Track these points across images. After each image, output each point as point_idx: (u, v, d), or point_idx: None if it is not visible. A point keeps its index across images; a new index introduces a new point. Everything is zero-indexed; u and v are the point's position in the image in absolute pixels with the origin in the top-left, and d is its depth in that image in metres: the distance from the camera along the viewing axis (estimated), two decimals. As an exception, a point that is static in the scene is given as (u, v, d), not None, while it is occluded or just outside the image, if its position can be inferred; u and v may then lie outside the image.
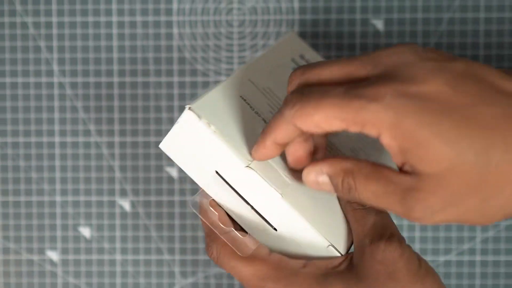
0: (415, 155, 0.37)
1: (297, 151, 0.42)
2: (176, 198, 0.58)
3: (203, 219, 0.43)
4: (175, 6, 0.57)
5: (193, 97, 0.58)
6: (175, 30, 0.57)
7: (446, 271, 0.58)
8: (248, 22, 0.58)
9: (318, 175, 0.41)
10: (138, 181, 0.58)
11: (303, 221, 0.42)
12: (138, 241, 0.58)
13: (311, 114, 0.39)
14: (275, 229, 0.43)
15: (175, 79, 0.58)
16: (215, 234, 0.44)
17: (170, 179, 0.58)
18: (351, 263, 0.42)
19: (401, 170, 0.39)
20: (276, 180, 0.42)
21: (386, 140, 0.38)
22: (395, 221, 0.56)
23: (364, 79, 0.40)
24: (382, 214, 0.43)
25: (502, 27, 0.57)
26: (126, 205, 0.59)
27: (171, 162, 0.58)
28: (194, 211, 0.44)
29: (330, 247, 0.42)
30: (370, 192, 0.39)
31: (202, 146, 0.42)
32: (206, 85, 0.58)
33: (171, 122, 0.58)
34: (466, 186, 0.38)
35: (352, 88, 0.38)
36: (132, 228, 0.59)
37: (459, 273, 0.59)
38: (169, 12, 0.57)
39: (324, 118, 0.39)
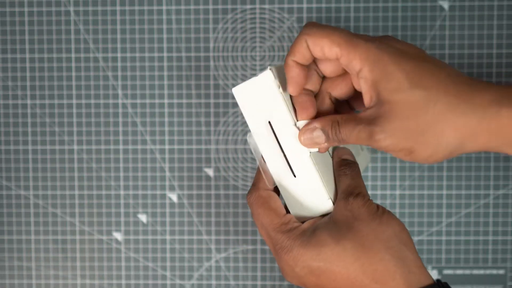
0: (383, 85, 0.41)
1: (304, 101, 0.46)
2: (212, 192, 0.62)
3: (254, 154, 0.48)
4: (211, 45, 0.61)
5: (225, 114, 0.61)
6: (211, 63, 0.61)
7: (419, 248, 0.62)
8: (268, 56, 0.61)
9: (313, 131, 0.45)
10: (183, 179, 0.62)
11: (318, 176, 0.46)
12: (183, 225, 0.62)
13: (322, 37, 0.43)
14: (295, 176, 0.47)
15: (211, 100, 0.61)
16: (257, 187, 0.47)
17: (208, 177, 0.62)
18: (330, 216, 0.46)
19: (368, 109, 0.43)
20: None
21: (365, 72, 0.42)
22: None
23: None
24: (356, 178, 0.47)
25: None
26: (174, 197, 0.62)
27: (209, 164, 0.62)
28: (250, 143, 0.47)
29: (329, 200, 0.46)
30: (349, 131, 0.43)
31: (267, 100, 0.45)
32: (236, 105, 0.61)
33: (209, 133, 0.61)
34: (414, 116, 0.41)
35: (355, 34, 0.44)
36: (179, 215, 0.62)
37: (429, 249, 0.62)
38: (207, 49, 0.61)
39: (329, 44, 0.43)
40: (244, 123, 0.63)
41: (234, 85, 0.62)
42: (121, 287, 0.64)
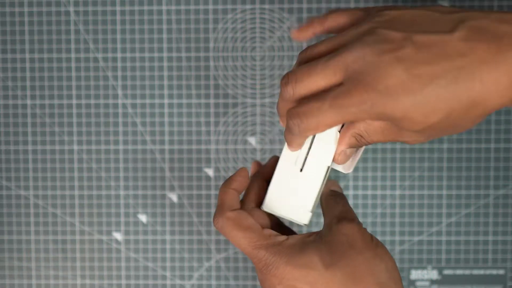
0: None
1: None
2: (212, 192, 0.62)
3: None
4: (211, 45, 0.61)
5: (226, 114, 0.61)
6: (211, 63, 0.61)
7: (419, 248, 0.62)
8: (267, 57, 0.61)
9: (345, 153, 0.45)
10: (183, 179, 0.62)
11: (318, 188, 0.46)
12: (183, 225, 0.62)
13: (303, 80, 0.42)
14: (301, 170, 0.46)
15: (211, 100, 0.61)
16: (222, 209, 0.45)
17: (208, 178, 0.62)
18: (320, 237, 0.44)
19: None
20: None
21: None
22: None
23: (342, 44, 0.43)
24: (347, 206, 0.46)
25: None
26: (174, 197, 0.62)
27: (208, 164, 0.62)
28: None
29: (310, 213, 0.46)
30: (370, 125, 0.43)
31: None
32: (236, 105, 0.61)
33: (209, 133, 0.61)
34: (433, 62, 0.38)
35: (331, 53, 0.42)
36: (179, 215, 0.62)
37: (429, 249, 0.62)
38: (207, 49, 0.61)
39: (312, 83, 0.42)
40: (244, 123, 0.63)
41: (234, 85, 0.62)
42: (121, 287, 0.64)
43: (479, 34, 0.39)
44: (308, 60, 0.43)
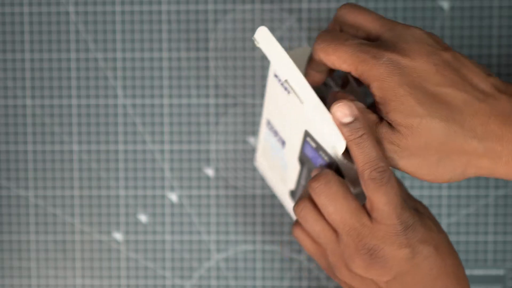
0: (392, 106, 0.41)
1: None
2: (212, 192, 0.63)
3: None
4: (211, 45, 0.61)
5: (225, 114, 0.62)
6: (211, 63, 0.61)
7: None
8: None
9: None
10: (183, 179, 0.62)
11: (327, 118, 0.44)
12: (182, 225, 0.63)
13: (330, 53, 0.43)
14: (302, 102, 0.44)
15: (211, 100, 0.62)
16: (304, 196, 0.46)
17: (208, 177, 0.62)
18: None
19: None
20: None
21: (373, 89, 0.42)
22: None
23: (376, 38, 0.44)
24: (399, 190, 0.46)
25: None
26: (173, 197, 0.62)
27: (208, 164, 0.62)
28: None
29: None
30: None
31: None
32: (236, 105, 0.61)
33: (209, 134, 0.62)
34: (428, 143, 0.41)
35: (363, 44, 0.42)
36: (178, 215, 0.63)
37: None
38: (207, 49, 0.61)
39: (337, 60, 0.43)
40: (244, 123, 0.63)
41: (234, 85, 0.62)
42: (121, 287, 0.64)
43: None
44: None
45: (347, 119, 0.43)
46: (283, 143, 0.51)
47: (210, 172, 0.63)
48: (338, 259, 0.45)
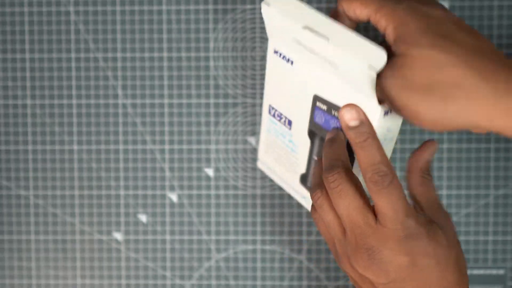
0: (403, 40, 0.41)
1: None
2: (212, 191, 0.63)
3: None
4: (211, 45, 0.61)
5: (226, 114, 0.62)
6: (211, 63, 0.62)
7: None
8: None
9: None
10: (183, 179, 0.63)
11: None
12: (183, 225, 0.63)
13: (353, 0, 0.45)
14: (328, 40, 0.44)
15: (211, 100, 0.62)
16: (321, 185, 0.47)
17: (208, 177, 0.63)
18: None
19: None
20: None
21: (389, 30, 0.43)
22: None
23: None
24: (432, 190, 0.47)
25: None
26: (174, 197, 0.63)
27: (208, 164, 0.62)
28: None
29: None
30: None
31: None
32: (236, 105, 0.62)
33: (209, 133, 0.62)
34: (427, 73, 0.41)
35: None
36: (179, 215, 0.63)
37: None
38: (207, 49, 0.61)
39: (359, 6, 0.44)
40: (244, 123, 0.63)
41: (233, 85, 0.63)
42: (121, 287, 0.64)
43: None
44: None
45: (354, 122, 0.44)
46: (289, 123, 0.51)
47: (210, 172, 0.63)
48: (343, 251, 0.46)
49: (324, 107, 0.47)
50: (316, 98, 0.48)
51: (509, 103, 0.40)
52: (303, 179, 0.54)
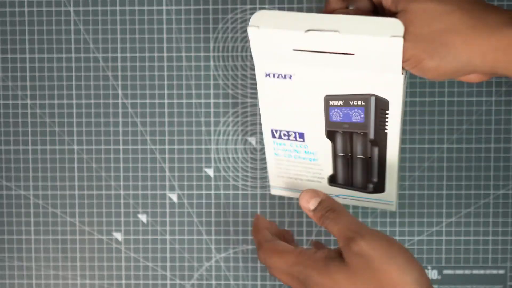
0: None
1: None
2: (212, 192, 0.63)
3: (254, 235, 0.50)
4: (211, 45, 0.62)
5: (225, 114, 0.62)
6: (211, 63, 0.62)
7: (419, 248, 0.62)
8: None
9: None
10: (183, 178, 0.63)
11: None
12: (183, 225, 0.63)
13: None
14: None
15: (211, 100, 0.62)
16: (260, 244, 0.49)
17: (208, 177, 0.63)
18: (340, 254, 0.46)
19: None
20: None
21: None
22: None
23: None
24: (345, 217, 0.47)
25: None
26: (174, 197, 0.63)
27: (208, 164, 0.63)
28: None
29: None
30: None
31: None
32: (236, 105, 0.62)
33: (209, 133, 0.62)
34: (427, 24, 0.43)
35: None
36: (179, 214, 0.63)
37: (429, 249, 0.62)
38: (207, 49, 0.62)
39: None
40: (244, 123, 0.63)
41: (233, 85, 0.63)
42: (121, 287, 0.64)
43: None
44: None
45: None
46: (300, 136, 0.51)
47: (210, 172, 0.63)
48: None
49: (340, 103, 0.48)
50: (328, 98, 0.48)
51: (500, 39, 0.42)
52: (333, 179, 0.54)
